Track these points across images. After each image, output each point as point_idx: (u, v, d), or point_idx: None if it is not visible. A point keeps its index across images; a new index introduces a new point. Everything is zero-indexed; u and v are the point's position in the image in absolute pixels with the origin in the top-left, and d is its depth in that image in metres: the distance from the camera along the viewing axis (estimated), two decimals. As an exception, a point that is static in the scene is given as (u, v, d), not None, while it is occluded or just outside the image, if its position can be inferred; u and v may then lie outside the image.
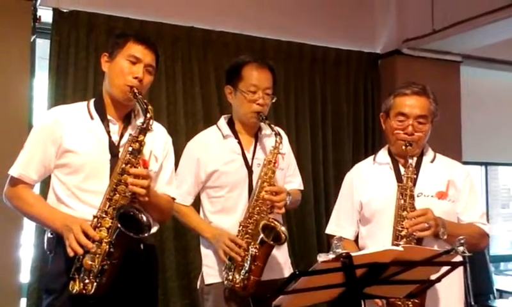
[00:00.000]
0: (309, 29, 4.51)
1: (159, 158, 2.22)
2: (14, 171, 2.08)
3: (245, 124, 2.57)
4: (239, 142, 2.55)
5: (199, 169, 2.53)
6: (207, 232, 2.50)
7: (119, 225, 1.90)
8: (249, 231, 2.39)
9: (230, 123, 2.60)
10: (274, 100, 2.58)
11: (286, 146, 2.62)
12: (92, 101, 2.20)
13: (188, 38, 4.03)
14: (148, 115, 2.05)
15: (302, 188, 2.76)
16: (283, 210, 2.44)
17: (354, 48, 4.73)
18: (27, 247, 3.53)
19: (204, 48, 4.09)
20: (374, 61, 4.85)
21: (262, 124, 2.56)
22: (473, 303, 4.28)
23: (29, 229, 3.47)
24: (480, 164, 5.89)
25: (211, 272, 2.51)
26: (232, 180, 2.50)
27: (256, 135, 2.60)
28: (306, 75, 4.49)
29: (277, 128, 2.51)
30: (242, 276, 2.35)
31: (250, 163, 2.53)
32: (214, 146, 2.56)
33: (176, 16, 3.99)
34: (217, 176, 2.51)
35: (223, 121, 2.63)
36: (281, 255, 2.58)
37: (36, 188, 2.42)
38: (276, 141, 2.46)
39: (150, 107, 2.07)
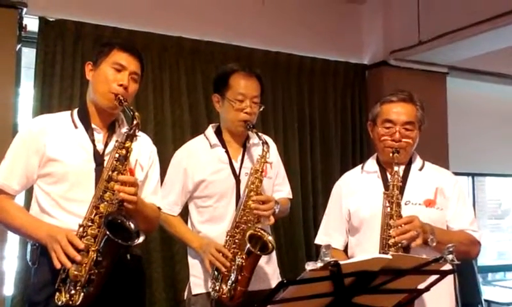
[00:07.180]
0: (297, 39, 4.52)
1: (145, 167, 2.20)
2: None
3: (233, 133, 2.56)
4: (226, 152, 2.54)
5: (186, 178, 2.52)
6: (194, 242, 2.48)
7: (107, 232, 1.86)
8: (237, 240, 2.37)
9: (218, 132, 2.59)
10: (261, 109, 2.57)
11: (274, 155, 2.60)
12: (76, 110, 2.18)
13: (176, 47, 4.02)
14: (135, 121, 2.02)
15: (291, 196, 2.75)
16: (272, 220, 2.42)
17: (342, 59, 4.75)
18: (11, 259, 3.46)
19: (192, 58, 4.08)
20: (361, 72, 4.87)
21: (250, 133, 2.55)
22: (461, 313, 4.31)
23: (13, 241, 3.41)
24: (467, 174, 5.92)
25: (198, 282, 2.48)
26: (219, 189, 2.49)
27: (244, 145, 2.59)
28: (293, 86, 4.50)
29: (264, 137, 2.50)
30: (228, 287, 2.32)
31: (238, 172, 2.51)
32: (201, 155, 2.54)
33: (164, 26, 3.98)
34: (205, 185, 2.50)
35: (210, 130, 2.61)
36: (270, 265, 2.57)
37: (21, 199, 2.38)
38: (263, 149, 2.45)
39: (136, 113, 2.04)
